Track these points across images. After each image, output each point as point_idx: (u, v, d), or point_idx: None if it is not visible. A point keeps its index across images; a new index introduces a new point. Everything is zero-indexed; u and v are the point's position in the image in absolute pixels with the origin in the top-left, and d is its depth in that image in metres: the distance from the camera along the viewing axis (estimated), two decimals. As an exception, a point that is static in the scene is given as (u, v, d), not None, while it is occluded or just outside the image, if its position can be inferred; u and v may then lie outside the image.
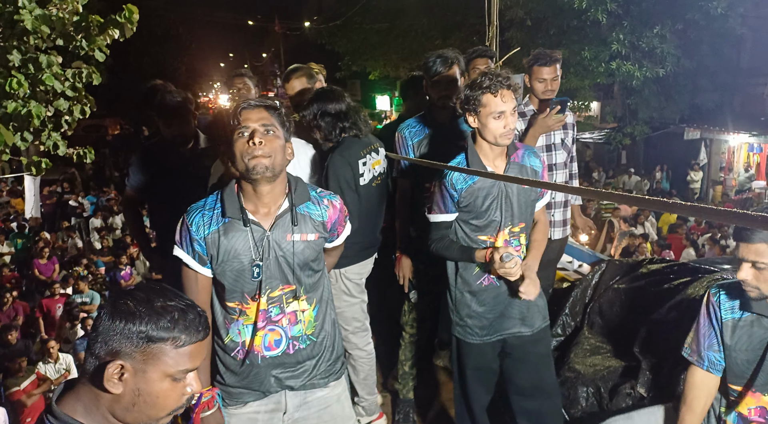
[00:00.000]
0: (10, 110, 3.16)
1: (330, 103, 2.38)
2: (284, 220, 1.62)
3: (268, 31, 32.20)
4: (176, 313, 0.99)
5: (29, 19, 2.94)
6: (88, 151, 4.23)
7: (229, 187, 1.63)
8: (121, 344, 0.96)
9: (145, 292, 1.01)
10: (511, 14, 11.62)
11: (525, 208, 2.06)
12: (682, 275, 2.60)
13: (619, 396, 2.33)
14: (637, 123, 13.10)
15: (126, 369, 0.96)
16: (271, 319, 1.66)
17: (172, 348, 0.98)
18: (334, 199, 1.74)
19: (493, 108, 1.90)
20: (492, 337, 2.13)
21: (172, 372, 0.99)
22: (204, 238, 1.60)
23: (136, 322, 0.96)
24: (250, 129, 1.55)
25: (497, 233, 2.03)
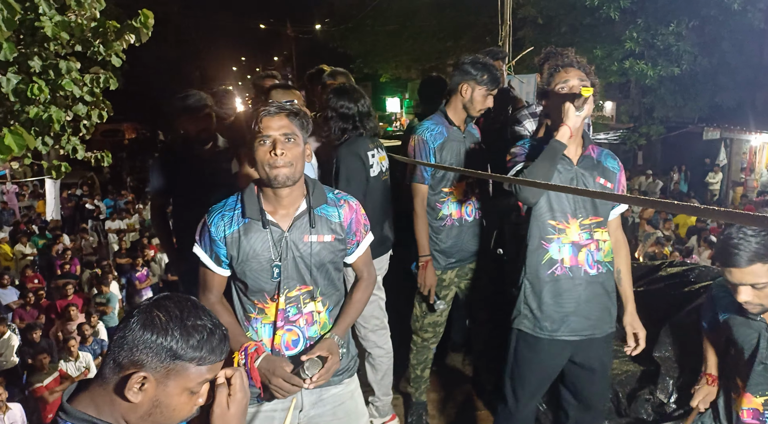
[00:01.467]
0: (32, 115, 3.21)
1: (345, 102, 2.47)
2: (302, 221, 1.66)
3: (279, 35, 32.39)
4: (205, 333, 1.01)
5: (49, 26, 2.99)
6: (105, 155, 4.30)
7: (249, 188, 1.66)
8: (148, 356, 0.97)
9: (178, 307, 1.02)
10: (523, 12, 11.54)
11: (600, 205, 1.98)
12: (703, 279, 2.56)
13: (637, 401, 2.30)
14: (652, 123, 12.92)
15: (148, 380, 0.97)
16: (288, 319, 1.69)
17: (196, 366, 1.01)
18: (351, 200, 1.76)
19: (558, 80, 1.92)
20: (566, 335, 1.99)
21: (191, 386, 1.01)
22: (224, 238, 1.64)
23: (167, 338, 0.98)
24: (271, 138, 1.57)
25: (571, 220, 1.95)
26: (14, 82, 3.08)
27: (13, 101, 3.21)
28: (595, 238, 1.98)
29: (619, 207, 2.09)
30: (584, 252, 1.96)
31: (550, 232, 1.96)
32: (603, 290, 2.01)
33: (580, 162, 1.98)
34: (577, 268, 1.95)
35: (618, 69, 11.11)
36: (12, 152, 2.83)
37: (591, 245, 1.97)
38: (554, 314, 1.98)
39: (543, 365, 2.06)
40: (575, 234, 1.95)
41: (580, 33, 11.50)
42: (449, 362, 3.44)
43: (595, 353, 2.04)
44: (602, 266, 1.99)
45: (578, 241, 1.96)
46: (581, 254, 1.95)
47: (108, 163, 4.48)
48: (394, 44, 17.18)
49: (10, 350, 5.70)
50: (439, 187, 2.60)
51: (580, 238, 1.96)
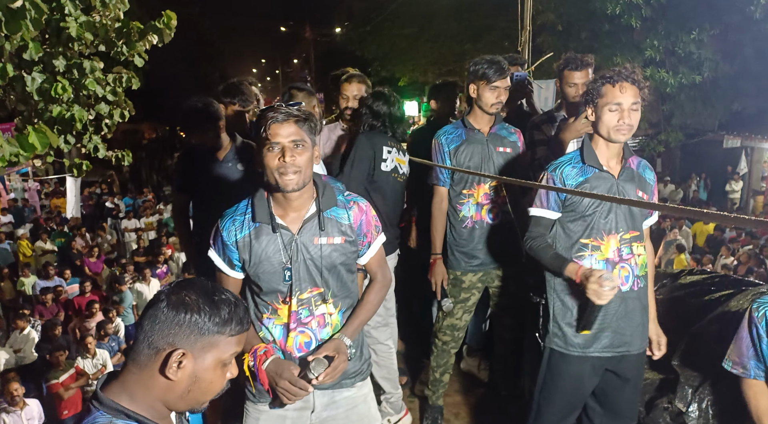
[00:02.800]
0: (55, 114, 3.28)
1: (381, 103, 2.57)
2: (312, 224, 1.67)
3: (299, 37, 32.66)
4: (232, 306, 1.07)
5: (74, 26, 3.06)
6: (126, 153, 4.37)
7: (259, 192, 1.68)
8: (183, 334, 1.02)
9: (201, 286, 1.08)
10: (542, 19, 11.48)
11: (639, 217, 1.96)
12: (723, 287, 2.51)
13: (656, 410, 2.26)
14: (672, 130, 12.74)
15: (187, 357, 1.02)
16: (301, 321, 1.70)
17: (227, 337, 1.06)
18: (360, 201, 1.77)
19: (610, 99, 1.84)
20: (600, 352, 1.95)
21: (224, 358, 1.07)
22: (236, 242, 1.66)
23: (200, 314, 1.03)
24: (280, 145, 1.57)
25: (607, 237, 1.92)
26: (39, 81, 3.14)
27: (37, 100, 3.28)
28: (634, 252, 1.95)
29: (651, 219, 2.05)
30: (619, 268, 1.93)
31: (582, 249, 1.94)
32: (639, 305, 1.97)
33: (621, 175, 1.95)
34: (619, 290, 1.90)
35: (638, 76, 10.98)
36: (36, 150, 2.88)
37: (631, 260, 1.94)
38: (592, 333, 1.94)
39: (575, 383, 2.02)
40: (611, 251, 1.92)
41: (599, 40, 11.39)
42: (465, 367, 3.42)
43: (629, 365, 2.01)
44: (640, 280, 1.96)
45: (613, 258, 1.92)
46: (615, 270, 1.92)
47: (128, 162, 4.55)
48: (412, 48, 17.20)
49: (29, 346, 5.80)
50: (458, 189, 2.63)
51: (617, 254, 1.92)
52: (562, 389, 2.02)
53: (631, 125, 1.86)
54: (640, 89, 1.86)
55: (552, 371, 2.03)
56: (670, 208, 1.20)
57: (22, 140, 2.83)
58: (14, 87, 3.24)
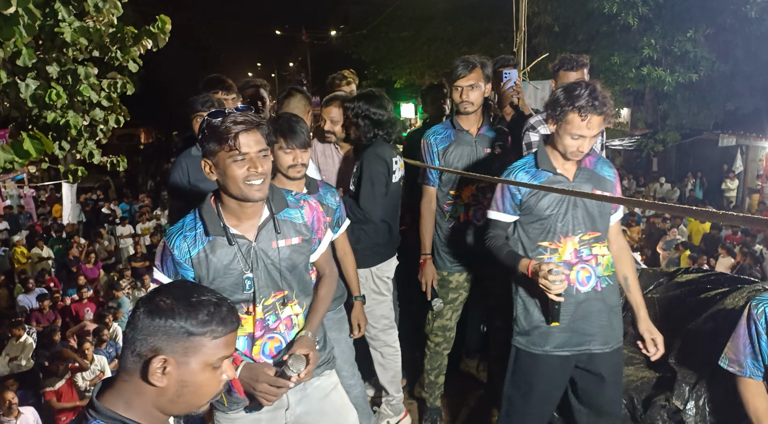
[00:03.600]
0: (49, 120, 3.28)
1: (375, 109, 2.52)
2: (267, 228, 1.65)
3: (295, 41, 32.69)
4: (212, 307, 1.05)
5: (69, 32, 3.05)
6: (120, 159, 4.36)
7: (206, 204, 1.63)
8: (163, 340, 1.01)
9: (179, 288, 1.07)
10: (538, 20, 11.51)
11: (598, 218, 1.96)
12: (719, 285, 2.51)
13: (653, 408, 2.26)
14: (668, 129, 12.79)
15: (169, 363, 1.01)
16: (268, 327, 1.69)
17: (210, 339, 1.04)
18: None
19: (575, 129, 1.83)
20: (557, 350, 1.99)
21: (212, 361, 1.04)
22: (189, 259, 1.61)
23: (176, 318, 1.01)
24: (248, 155, 1.52)
25: (564, 239, 1.94)
26: (33, 87, 3.14)
27: (31, 106, 3.27)
28: (594, 253, 1.96)
29: (616, 214, 2.06)
30: (578, 270, 1.95)
31: (540, 252, 1.96)
32: (603, 306, 1.99)
33: (576, 177, 1.96)
34: (569, 287, 1.93)
35: (635, 76, 11.03)
36: (30, 156, 2.87)
37: (591, 261, 1.96)
38: (547, 331, 1.98)
39: (540, 381, 2.05)
40: (568, 253, 1.94)
41: (596, 40, 11.43)
42: (464, 368, 3.41)
43: (602, 363, 2.02)
44: (603, 280, 1.97)
45: (571, 260, 1.95)
46: (573, 272, 1.95)
47: (123, 168, 4.54)
48: (409, 50, 17.23)
49: (26, 353, 5.78)
50: (446, 190, 2.64)
51: (576, 255, 1.94)
52: (529, 387, 2.05)
53: (585, 152, 1.90)
54: (605, 118, 1.86)
55: (518, 369, 2.07)
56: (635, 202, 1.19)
57: (16, 147, 2.82)
58: (8, 93, 3.23)
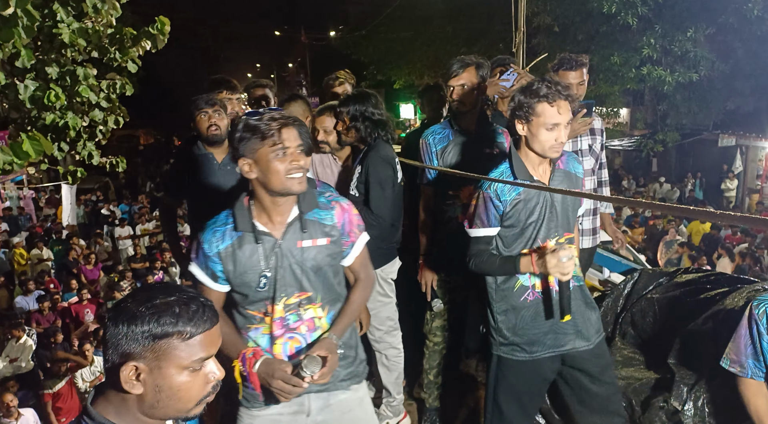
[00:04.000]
0: (48, 122, 3.27)
1: (372, 108, 2.48)
2: (294, 227, 1.67)
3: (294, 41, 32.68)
4: (177, 307, 0.99)
5: (67, 33, 3.04)
6: (120, 160, 4.34)
7: (239, 201, 1.67)
8: (130, 346, 0.97)
9: (147, 291, 1.02)
10: (538, 20, 11.51)
11: (571, 218, 1.97)
12: (719, 285, 2.51)
13: (651, 409, 2.26)
14: (668, 129, 12.79)
15: (141, 369, 0.97)
16: (289, 326, 1.69)
17: (181, 341, 0.99)
18: (342, 200, 1.77)
19: (548, 119, 1.79)
20: (545, 352, 1.98)
21: (186, 364, 0.99)
22: (218, 253, 1.65)
23: (137, 322, 0.97)
24: (290, 150, 1.58)
25: (542, 247, 1.92)
26: (32, 88, 3.13)
27: (30, 108, 3.26)
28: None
29: (581, 208, 2.07)
30: None
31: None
32: (580, 303, 1.99)
33: (552, 180, 1.95)
34: (547, 289, 1.94)
35: (635, 75, 11.03)
36: (29, 158, 2.86)
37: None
38: (531, 337, 1.97)
39: (527, 385, 2.04)
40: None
41: (596, 40, 11.44)
42: (463, 368, 3.41)
43: (588, 358, 2.02)
44: (576, 280, 1.98)
45: None
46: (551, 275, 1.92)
47: (123, 169, 4.52)
48: (408, 51, 17.24)
49: (26, 355, 5.78)
50: (445, 190, 2.63)
51: None
52: (516, 393, 2.04)
53: (563, 142, 1.86)
54: (571, 103, 1.84)
55: (502, 376, 2.04)
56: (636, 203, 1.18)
57: (15, 148, 2.81)
58: (7, 95, 3.22)
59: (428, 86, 3.60)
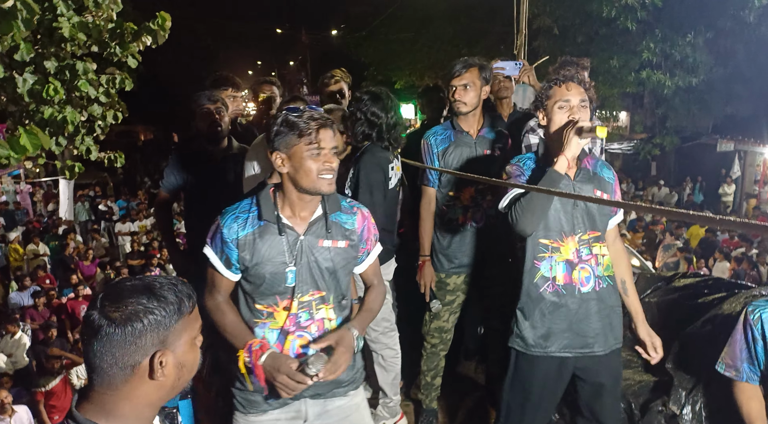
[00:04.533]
0: (46, 116, 3.24)
1: (376, 109, 2.43)
2: (318, 226, 1.67)
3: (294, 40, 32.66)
4: (172, 286, 1.05)
5: (67, 27, 3.03)
6: (118, 155, 4.33)
7: (264, 192, 1.68)
8: (149, 339, 0.99)
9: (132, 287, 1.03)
10: (538, 22, 11.51)
11: (598, 217, 1.95)
12: (717, 290, 2.52)
13: (650, 413, 2.25)
14: (666, 133, 12.82)
15: (165, 355, 1.01)
16: (300, 324, 1.69)
17: (186, 316, 1.05)
18: (362, 208, 1.78)
19: (558, 97, 1.87)
20: (560, 351, 1.96)
21: (195, 334, 1.08)
22: (236, 240, 1.64)
23: (152, 313, 1.00)
24: (325, 150, 1.60)
25: (565, 238, 1.92)
26: (30, 82, 3.11)
27: (28, 101, 3.24)
28: (594, 252, 1.95)
29: (616, 217, 2.05)
30: (579, 269, 1.93)
31: (542, 250, 1.94)
32: (603, 306, 1.96)
33: (576, 176, 1.95)
34: (570, 286, 1.92)
35: (635, 79, 11.06)
36: (27, 152, 2.85)
37: (591, 261, 1.94)
38: (547, 332, 1.95)
39: (540, 384, 2.01)
40: (570, 252, 1.92)
41: (596, 43, 11.45)
42: (461, 370, 3.41)
43: (602, 368, 2.00)
44: (603, 280, 1.96)
45: (573, 259, 1.92)
46: (575, 271, 1.92)
47: (121, 164, 4.51)
48: (409, 52, 17.23)
49: (21, 351, 5.75)
50: (446, 191, 2.62)
51: (577, 255, 1.92)
52: (528, 391, 2.02)
53: (580, 121, 1.84)
54: (585, 90, 1.89)
55: (517, 372, 2.04)
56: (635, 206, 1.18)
57: (12, 142, 2.79)
58: (5, 88, 3.20)
59: (428, 87, 3.61)
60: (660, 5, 10.00)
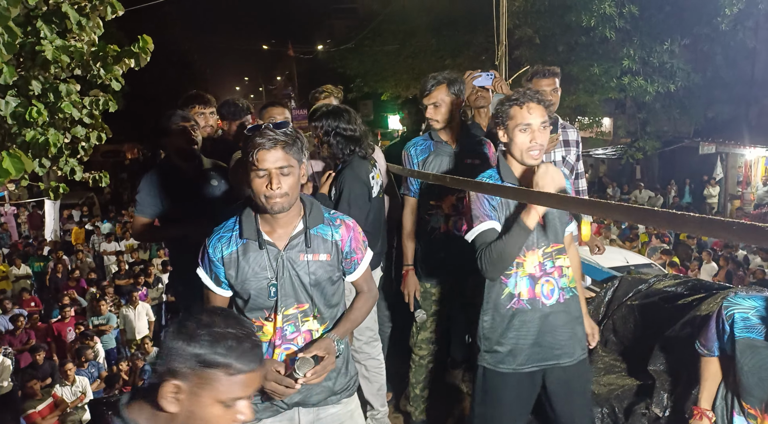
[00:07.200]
0: (29, 138, 3.25)
1: (345, 124, 2.47)
2: (298, 240, 1.69)
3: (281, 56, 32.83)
4: (233, 340, 1.00)
5: (50, 50, 3.05)
6: (103, 175, 4.34)
7: (247, 210, 1.70)
8: (179, 365, 0.99)
9: (210, 316, 1.03)
10: (520, 33, 11.72)
11: (559, 229, 1.98)
12: (695, 292, 2.56)
13: (634, 416, 2.28)
14: (648, 138, 13.02)
15: (182, 390, 0.99)
16: (286, 337, 1.71)
17: (225, 375, 1.00)
18: (347, 219, 1.79)
19: (519, 120, 1.86)
20: (527, 367, 1.97)
21: (223, 399, 1.00)
22: (221, 259, 1.68)
23: (194, 344, 0.99)
24: (267, 171, 1.58)
25: (527, 253, 1.93)
26: (13, 105, 3.12)
27: (10, 124, 3.25)
28: (557, 264, 1.97)
29: (571, 226, 2.09)
30: (542, 283, 1.95)
31: (509, 267, 1.94)
32: (568, 317, 1.98)
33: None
34: (534, 300, 1.94)
35: (616, 85, 11.25)
36: (10, 176, 2.85)
37: (554, 273, 1.96)
38: (515, 348, 1.96)
39: (510, 399, 2.02)
40: (532, 266, 1.94)
41: (576, 52, 11.66)
42: (449, 380, 3.41)
43: (571, 377, 2.01)
44: (566, 291, 1.99)
45: (534, 273, 1.94)
46: (538, 286, 1.94)
47: (106, 184, 4.51)
48: (393, 64, 17.41)
49: (5, 374, 5.65)
50: (427, 200, 2.65)
51: (540, 268, 1.94)
52: (498, 407, 2.02)
53: (543, 144, 1.88)
54: (546, 108, 1.90)
55: (486, 388, 2.03)
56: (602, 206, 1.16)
57: (-5, 165, 2.79)
58: (-13, 111, 3.20)
59: (407, 100, 3.68)
60: (637, 14, 10.23)
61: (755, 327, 1.67)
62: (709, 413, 1.87)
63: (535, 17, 11.54)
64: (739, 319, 1.70)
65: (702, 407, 1.88)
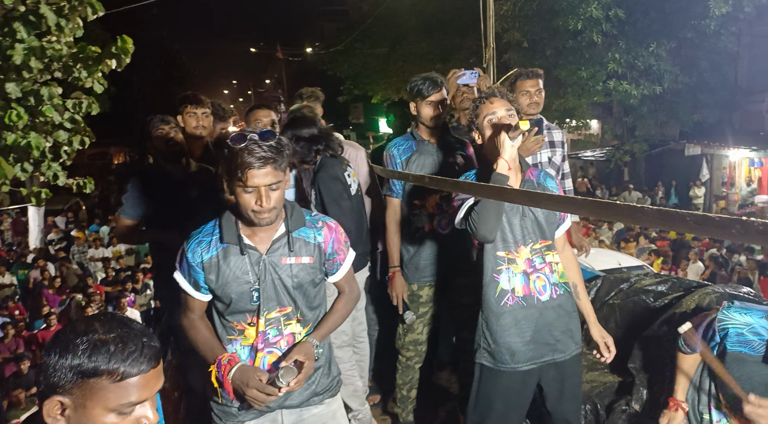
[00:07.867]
0: (9, 142, 3.22)
1: (302, 128, 2.50)
2: (280, 244, 1.69)
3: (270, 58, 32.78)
4: (112, 345, 0.92)
5: (20, 54, 2.99)
6: (88, 181, 4.28)
7: (226, 213, 1.69)
8: (59, 379, 0.91)
9: (88, 323, 0.95)
10: (508, 37, 11.80)
11: (546, 227, 1.99)
12: (674, 290, 2.59)
13: (614, 413, 2.30)
14: (635, 141, 13.16)
15: (66, 405, 0.91)
16: (269, 341, 1.70)
17: (111, 382, 0.92)
18: (329, 220, 1.79)
19: (486, 111, 1.93)
20: (524, 365, 1.97)
21: (114, 406, 0.92)
22: (201, 264, 1.67)
23: (68, 356, 0.91)
24: (256, 189, 1.56)
25: (519, 249, 1.95)
26: (-9, 108, 3.09)
27: (-10, 128, 3.21)
28: (547, 261, 1.99)
29: (564, 225, 2.10)
30: (534, 279, 1.97)
31: (499, 263, 1.97)
32: (562, 312, 2.00)
33: (522, 187, 1.99)
34: (530, 296, 1.96)
35: (602, 89, 11.37)
36: (-9, 180, 2.82)
37: (545, 269, 1.98)
38: (512, 345, 1.97)
39: (507, 397, 2.03)
40: (523, 262, 1.96)
41: (564, 56, 11.76)
42: (435, 381, 3.41)
43: (565, 373, 2.03)
44: (559, 287, 2.00)
45: (526, 269, 1.96)
46: (531, 281, 1.96)
47: (90, 190, 4.45)
48: (384, 67, 17.46)
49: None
50: (410, 200, 2.65)
51: (530, 264, 1.96)
52: (495, 405, 2.03)
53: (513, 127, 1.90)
54: (509, 101, 1.97)
55: (483, 387, 2.05)
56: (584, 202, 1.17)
57: (-25, 172, 2.77)
58: (-34, 115, 3.17)
59: (392, 103, 3.70)
60: (623, 17, 10.34)
61: (749, 343, 1.69)
62: (684, 404, 1.92)
63: (523, 21, 11.64)
64: (734, 334, 1.72)
65: (677, 399, 1.93)
